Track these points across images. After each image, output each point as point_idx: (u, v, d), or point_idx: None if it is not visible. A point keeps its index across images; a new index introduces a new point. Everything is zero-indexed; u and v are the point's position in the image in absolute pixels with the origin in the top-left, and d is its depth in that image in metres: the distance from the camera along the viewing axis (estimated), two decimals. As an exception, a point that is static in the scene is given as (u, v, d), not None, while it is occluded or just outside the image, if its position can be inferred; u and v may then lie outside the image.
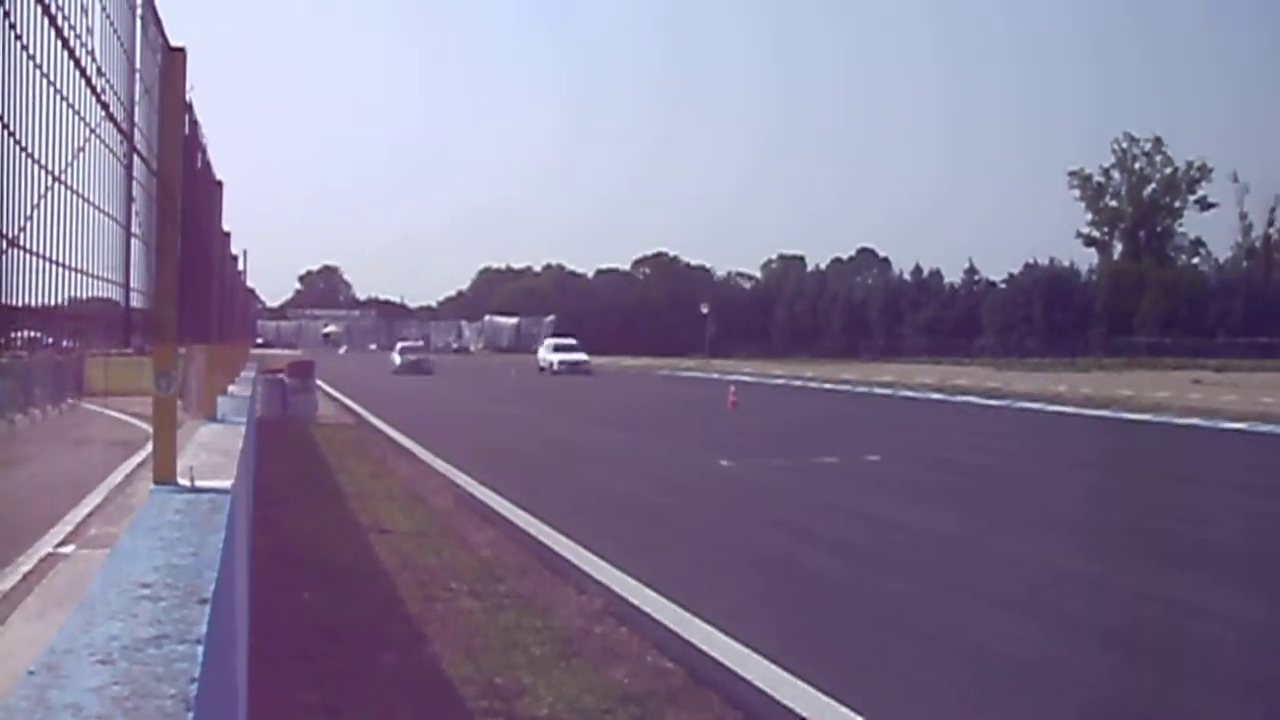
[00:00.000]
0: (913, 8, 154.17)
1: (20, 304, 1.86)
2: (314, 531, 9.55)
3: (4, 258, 1.74)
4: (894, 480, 14.25)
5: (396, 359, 54.67)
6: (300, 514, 10.33)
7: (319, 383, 25.79)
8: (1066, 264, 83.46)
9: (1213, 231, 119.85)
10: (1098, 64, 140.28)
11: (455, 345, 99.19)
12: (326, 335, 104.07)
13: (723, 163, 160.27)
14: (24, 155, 1.83)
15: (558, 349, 55.93)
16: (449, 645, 6.12)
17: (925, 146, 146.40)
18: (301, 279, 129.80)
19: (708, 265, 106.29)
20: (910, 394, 34.68)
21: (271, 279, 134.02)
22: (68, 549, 7.58)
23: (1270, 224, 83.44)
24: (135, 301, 3.50)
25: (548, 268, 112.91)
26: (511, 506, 11.22)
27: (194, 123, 5.57)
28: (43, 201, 1.98)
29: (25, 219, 1.85)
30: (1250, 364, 54.15)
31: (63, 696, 1.55)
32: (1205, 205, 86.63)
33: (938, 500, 12.58)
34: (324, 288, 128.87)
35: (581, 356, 54.36)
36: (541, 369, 53.77)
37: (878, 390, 36.96)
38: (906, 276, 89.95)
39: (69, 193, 2.27)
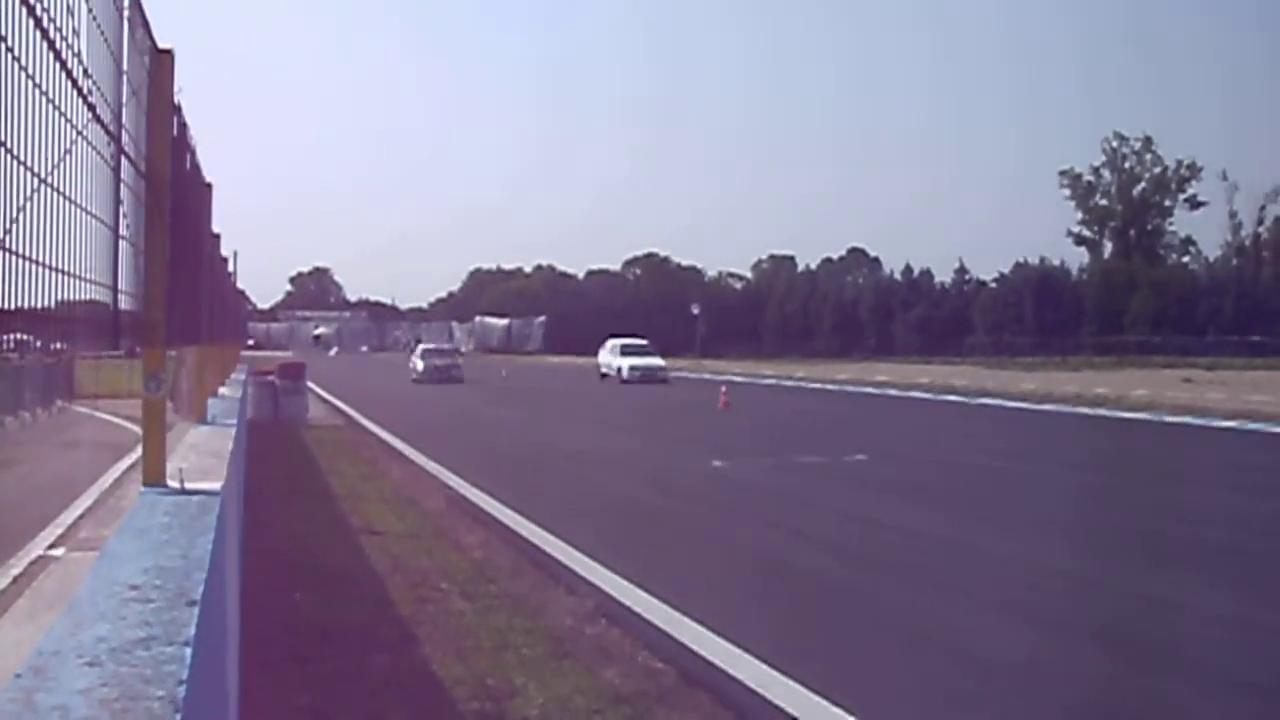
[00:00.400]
0: (904, 8, 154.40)
1: (8, 306, 1.85)
2: (305, 533, 9.54)
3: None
4: (885, 480, 14.27)
5: (418, 364, 43.27)
6: (291, 516, 10.31)
7: (310, 384, 25.74)
8: (1057, 263, 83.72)
9: (1202, 230, 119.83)
10: (1088, 63, 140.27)
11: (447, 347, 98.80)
12: (317, 337, 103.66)
13: (713, 163, 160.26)
14: (9, 157, 1.83)
15: (627, 352, 44.06)
16: (441, 647, 6.12)
17: (916, 146, 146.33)
18: (292, 280, 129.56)
19: (698, 266, 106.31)
20: (900, 393, 34.73)
21: (262, 281, 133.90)
22: (58, 552, 7.55)
23: (1259, 222, 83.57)
24: (124, 304, 3.50)
25: (538, 269, 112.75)
26: (503, 508, 11.22)
27: (182, 125, 5.56)
28: (29, 204, 1.98)
29: (11, 221, 1.85)
30: (1241, 362, 54.29)
31: (50, 699, 1.55)
32: (1195, 204, 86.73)
33: (927, 500, 12.60)
34: (315, 289, 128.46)
35: (658, 362, 43.38)
36: (604, 376, 43.75)
37: (869, 390, 37.01)
38: (897, 276, 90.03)
39: (56, 195, 2.26)
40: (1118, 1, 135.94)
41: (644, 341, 46.84)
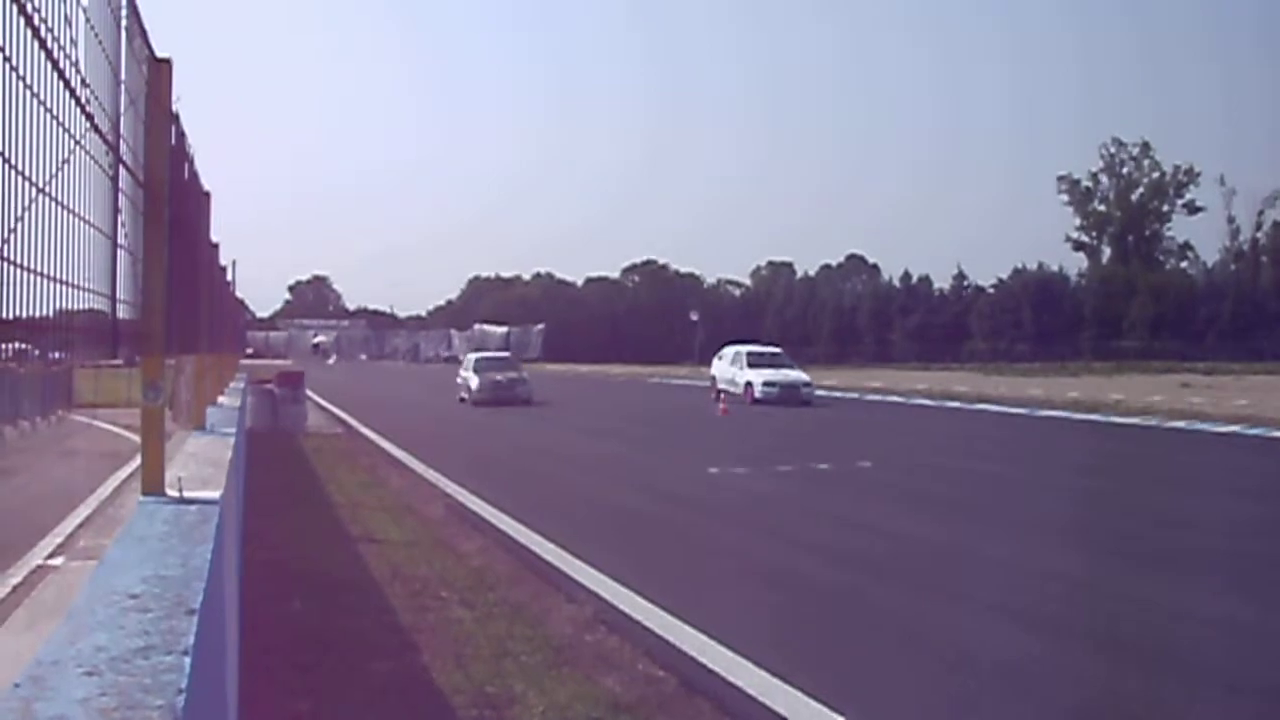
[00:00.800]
0: (902, 13, 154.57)
1: (7, 316, 1.86)
2: (304, 541, 9.53)
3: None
4: (886, 487, 14.28)
5: (472, 380, 32.13)
6: (290, 524, 10.30)
7: (309, 393, 25.72)
8: (1055, 269, 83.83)
9: (1200, 235, 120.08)
10: (1086, 68, 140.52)
11: (445, 354, 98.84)
12: (316, 346, 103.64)
13: (711, 170, 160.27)
14: (7, 167, 1.83)
15: (757, 363, 32.98)
16: (440, 654, 6.11)
17: (914, 152, 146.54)
18: (291, 289, 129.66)
19: (697, 273, 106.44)
20: (899, 399, 34.71)
21: (261, 289, 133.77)
22: (57, 561, 7.55)
23: (1257, 227, 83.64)
24: (123, 313, 3.50)
25: (537, 276, 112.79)
26: (502, 515, 11.21)
27: (180, 133, 5.56)
28: (27, 214, 1.98)
29: (10, 231, 1.85)
30: (1239, 366, 54.30)
31: (48, 709, 1.54)
32: (1193, 209, 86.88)
33: (928, 507, 12.60)
34: (313, 298, 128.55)
35: (800, 376, 32.55)
36: (720, 394, 31.87)
37: (867, 396, 36.99)
38: (895, 282, 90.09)
39: (54, 204, 2.27)
40: (1116, 6, 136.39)
41: (777, 349, 35.69)
